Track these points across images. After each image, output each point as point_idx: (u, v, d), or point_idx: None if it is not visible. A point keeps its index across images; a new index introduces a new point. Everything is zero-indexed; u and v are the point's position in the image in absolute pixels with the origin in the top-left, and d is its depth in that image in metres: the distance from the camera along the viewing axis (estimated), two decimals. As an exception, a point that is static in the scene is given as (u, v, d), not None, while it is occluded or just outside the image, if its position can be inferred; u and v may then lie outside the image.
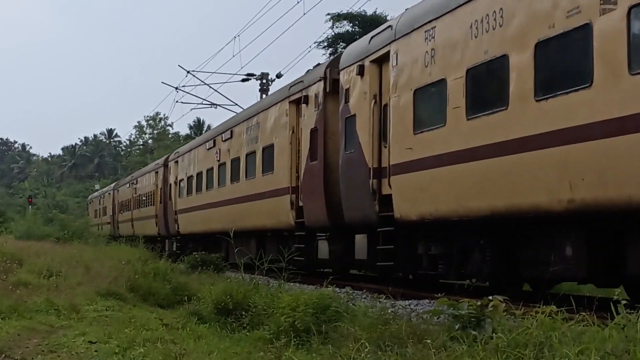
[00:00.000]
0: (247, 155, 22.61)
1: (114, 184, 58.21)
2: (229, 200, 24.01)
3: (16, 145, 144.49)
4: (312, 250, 18.11)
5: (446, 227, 12.50)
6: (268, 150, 20.56)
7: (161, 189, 35.69)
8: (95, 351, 8.50)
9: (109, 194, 55.47)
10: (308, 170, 17.57)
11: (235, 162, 23.69)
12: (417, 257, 13.49)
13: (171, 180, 33.61)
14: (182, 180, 31.77)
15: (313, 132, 17.31)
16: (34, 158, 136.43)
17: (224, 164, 25.01)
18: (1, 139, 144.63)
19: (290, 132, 18.78)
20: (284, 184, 19.13)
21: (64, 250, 22.49)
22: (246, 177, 22.62)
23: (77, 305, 11.89)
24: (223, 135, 25.57)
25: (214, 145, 26.48)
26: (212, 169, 26.65)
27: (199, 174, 28.64)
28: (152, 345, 8.47)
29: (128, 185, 46.46)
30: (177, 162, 33.11)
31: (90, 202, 69.60)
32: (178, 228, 31.88)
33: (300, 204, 18.31)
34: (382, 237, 13.99)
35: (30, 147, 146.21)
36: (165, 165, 35.42)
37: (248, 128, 22.77)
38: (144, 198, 40.34)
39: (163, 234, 35.28)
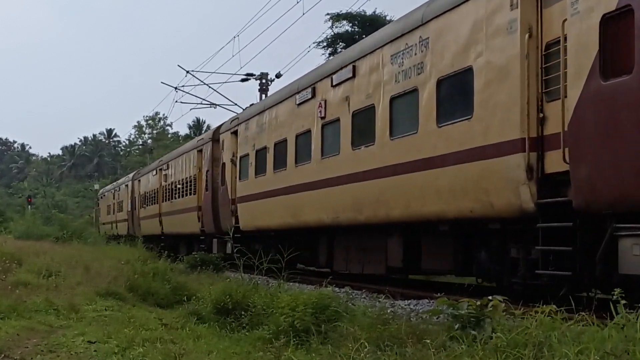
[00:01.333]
0: (393, 98, 14.08)
1: (132, 173, 50.11)
2: (347, 176, 15.70)
3: (15, 145, 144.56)
4: None
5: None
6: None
7: (208, 171, 27.67)
8: (95, 351, 8.50)
9: (126, 185, 48.19)
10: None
11: (364, 114, 15.21)
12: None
13: (225, 158, 25.30)
14: (245, 156, 23.16)
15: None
16: (34, 158, 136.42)
17: (336, 120, 16.49)
18: (0, 138, 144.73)
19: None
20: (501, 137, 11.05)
21: (64, 250, 22.50)
22: (392, 134, 14.03)
23: (76, 305, 11.89)
24: (335, 76, 16.71)
25: (313, 96, 17.94)
26: (308, 132, 18.09)
27: (280, 144, 19.98)
28: (151, 345, 8.47)
29: (154, 172, 38.78)
30: (235, 132, 24.50)
31: (101, 197, 63.19)
32: (236, 222, 23.21)
33: None
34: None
35: (30, 147, 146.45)
36: (215, 139, 27.08)
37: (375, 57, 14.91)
38: (179, 186, 32.57)
39: (210, 231, 27.06)
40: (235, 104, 38.85)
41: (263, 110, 21.90)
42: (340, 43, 42.69)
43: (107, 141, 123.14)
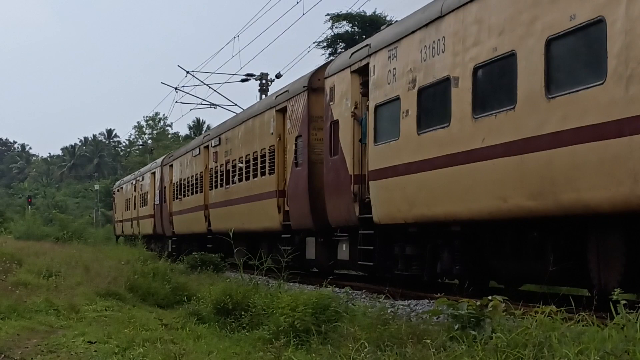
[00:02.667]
0: None
1: (160, 158, 40.26)
2: None
3: (16, 145, 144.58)
4: None
5: None
6: None
7: (299, 137, 18.94)
8: (95, 351, 8.51)
9: (152, 174, 39.15)
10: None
11: None
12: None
13: (338, 113, 16.33)
14: (387, 103, 13.98)
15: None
16: (34, 158, 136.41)
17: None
18: (1, 139, 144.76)
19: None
20: None
21: (64, 251, 22.51)
22: None
23: (76, 305, 11.90)
24: None
25: None
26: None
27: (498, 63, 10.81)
28: (151, 345, 8.47)
29: (195, 152, 30.06)
30: (363, 68, 15.26)
31: (117, 191, 53.12)
32: (364, 212, 14.90)
33: None
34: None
35: (30, 147, 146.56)
36: (314, 88, 18.25)
37: None
38: (240, 165, 23.66)
39: (301, 226, 18.83)
40: (235, 104, 38.84)
41: (439, 18, 12.21)
42: (340, 43, 42.70)
43: (107, 141, 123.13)
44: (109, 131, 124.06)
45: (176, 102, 71.92)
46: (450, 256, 12.49)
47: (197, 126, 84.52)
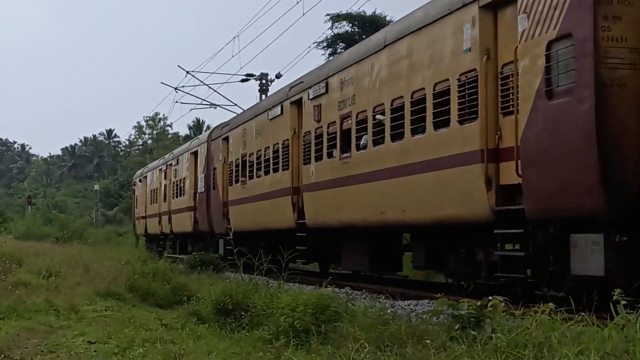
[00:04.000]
0: None
1: (205, 132, 33.55)
2: None
3: (16, 145, 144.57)
4: None
5: None
6: None
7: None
8: (95, 351, 8.51)
9: (193, 154, 30.47)
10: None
11: None
12: None
13: None
14: None
15: None
16: (34, 158, 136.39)
17: None
18: (1, 139, 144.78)
19: None
20: None
21: (63, 251, 22.51)
22: None
23: (76, 305, 11.90)
24: None
25: None
26: None
27: None
28: (151, 345, 8.47)
29: (277, 111, 20.44)
30: None
31: (139, 181, 44.75)
32: None
33: None
34: None
35: (30, 148, 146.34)
36: None
37: None
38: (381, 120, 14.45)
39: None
40: (235, 104, 38.83)
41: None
42: (340, 43, 42.66)
43: (107, 141, 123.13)
44: (109, 131, 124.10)
45: (176, 102, 71.86)
46: None
47: (197, 126, 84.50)
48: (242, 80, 39.39)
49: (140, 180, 44.53)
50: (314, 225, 17.36)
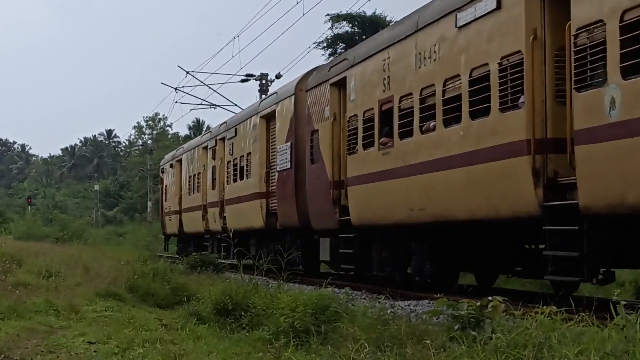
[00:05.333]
0: None
1: (291, 82, 21.05)
2: None
3: (15, 145, 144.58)
4: None
5: None
6: None
7: None
8: (95, 351, 8.51)
9: (261, 119, 22.16)
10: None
11: None
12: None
13: None
14: None
15: None
16: (34, 158, 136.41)
17: None
18: (1, 139, 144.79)
19: None
20: None
21: (63, 251, 22.50)
22: None
23: (76, 305, 11.89)
24: None
25: None
26: None
27: None
28: (151, 345, 8.47)
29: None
30: None
31: (169, 167, 35.64)
32: None
33: None
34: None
35: (30, 148, 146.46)
36: None
37: None
38: None
39: None
40: (235, 105, 38.81)
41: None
42: (340, 44, 42.70)
43: (107, 142, 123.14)
44: (109, 131, 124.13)
45: (176, 102, 71.63)
46: None
47: (197, 126, 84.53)
48: (242, 81, 39.44)
49: (171, 166, 35.23)
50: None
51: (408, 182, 13.47)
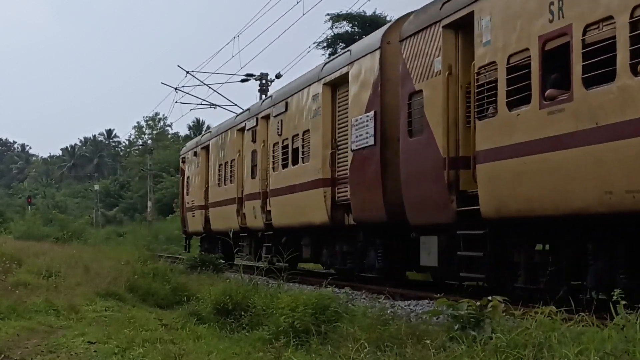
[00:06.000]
0: None
1: (372, 35, 16.69)
2: None
3: (16, 145, 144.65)
4: None
5: None
6: None
7: None
8: (95, 351, 8.51)
9: (324, 86, 17.67)
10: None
11: None
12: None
13: None
14: None
15: None
16: (34, 158, 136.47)
17: None
18: (1, 139, 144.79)
19: None
20: None
21: (63, 251, 22.50)
22: None
23: (76, 305, 11.89)
24: None
25: None
26: None
27: None
28: (151, 345, 8.47)
29: None
30: None
31: (193, 155, 30.85)
32: None
33: None
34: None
35: (30, 148, 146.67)
36: None
37: None
38: None
39: None
40: (235, 104, 38.82)
41: None
42: (340, 43, 42.70)
43: (107, 142, 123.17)
44: (109, 131, 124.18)
45: (176, 102, 71.59)
46: None
47: (197, 126, 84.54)
48: (242, 80, 39.45)
49: (195, 154, 30.58)
50: None
51: (603, 151, 9.00)
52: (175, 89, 40.33)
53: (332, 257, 17.86)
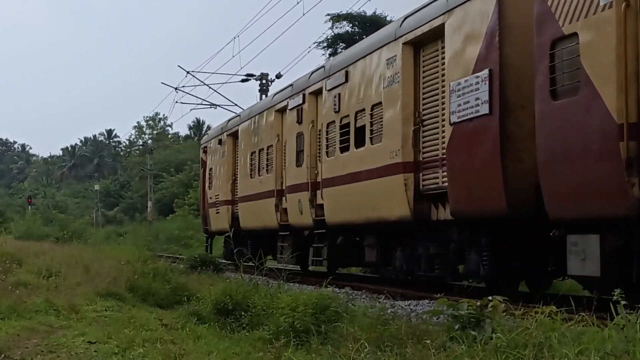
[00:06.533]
0: None
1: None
2: None
3: (16, 145, 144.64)
4: None
5: None
6: None
7: None
8: (95, 351, 8.50)
9: (404, 46, 13.87)
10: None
11: None
12: None
13: None
14: None
15: None
16: (34, 158, 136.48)
17: None
18: (1, 139, 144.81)
19: None
20: None
21: (64, 251, 22.50)
22: None
23: (76, 305, 11.89)
24: None
25: None
26: None
27: None
28: (151, 345, 8.47)
29: None
30: None
31: (217, 144, 26.89)
32: None
33: None
34: None
35: (30, 148, 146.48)
36: None
37: None
38: None
39: None
40: (236, 105, 38.83)
41: None
42: (341, 44, 42.69)
43: (107, 142, 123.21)
44: (109, 131, 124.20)
45: (176, 102, 71.55)
46: None
47: (197, 126, 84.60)
48: (242, 81, 39.45)
49: (219, 142, 26.74)
50: None
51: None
52: (176, 89, 40.37)
53: (410, 261, 14.24)
